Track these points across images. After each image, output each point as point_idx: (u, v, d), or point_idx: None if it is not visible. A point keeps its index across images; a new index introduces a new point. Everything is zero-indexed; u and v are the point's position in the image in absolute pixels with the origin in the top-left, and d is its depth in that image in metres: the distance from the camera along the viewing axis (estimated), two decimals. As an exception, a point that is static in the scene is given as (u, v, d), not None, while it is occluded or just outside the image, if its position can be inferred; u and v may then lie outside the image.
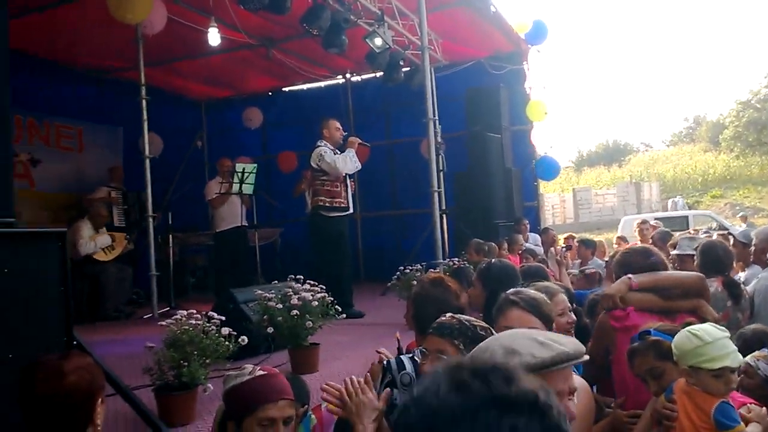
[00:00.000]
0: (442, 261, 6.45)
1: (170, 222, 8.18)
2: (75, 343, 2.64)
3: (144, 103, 6.86)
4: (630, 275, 3.01)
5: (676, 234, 6.60)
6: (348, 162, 6.32)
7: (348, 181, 6.48)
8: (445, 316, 2.13)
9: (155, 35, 7.03)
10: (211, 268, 9.63)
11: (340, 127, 6.57)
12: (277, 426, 2.01)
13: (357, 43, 7.21)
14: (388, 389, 2.17)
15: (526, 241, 8.35)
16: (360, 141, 6.61)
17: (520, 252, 7.45)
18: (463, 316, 2.14)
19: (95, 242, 7.05)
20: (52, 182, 8.81)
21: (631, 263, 3.14)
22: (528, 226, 9.08)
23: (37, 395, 1.69)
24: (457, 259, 6.76)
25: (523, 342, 1.45)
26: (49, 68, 8.89)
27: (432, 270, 5.88)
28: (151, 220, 6.95)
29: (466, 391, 0.80)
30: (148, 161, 6.93)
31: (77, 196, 8.53)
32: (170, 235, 8.14)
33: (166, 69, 9.29)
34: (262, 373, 2.09)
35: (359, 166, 6.54)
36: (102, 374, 1.87)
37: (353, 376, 2.08)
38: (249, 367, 2.12)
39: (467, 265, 5.96)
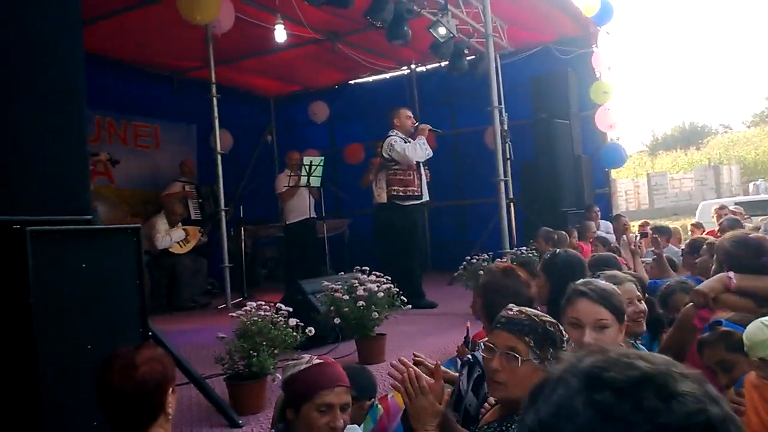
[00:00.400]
0: (509, 250, 6.38)
1: (242, 215, 8.42)
2: (150, 334, 2.76)
3: (215, 100, 7.07)
4: (731, 273, 2.73)
5: (758, 219, 6.29)
6: (418, 149, 6.29)
7: (422, 170, 6.45)
8: (511, 309, 2.05)
9: (224, 34, 7.22)
10: (282, 260, 9.85)
11: (411, 115, 6.56)
12: (334, 412, 2.06)
13: (421, 33, 7.18)
14: (449, 389, 2.17)
15: (597, 229, 8.14)
16: (431, 128, 6.58)
17: (591, 240, 7.28)
18: (531, 309, 2.09)
19: (170, 236, 7.33)
20: (130, 179, 9.21)
21: (740, 258, 2.83)
22: (599, 213, 8.84)
23: (111, 386, 1.79)
24: (525, 248, 6.67)
25: None
26: (126, 70, 9.30)
27: (499, 259, 5.83)
28: (223, 213, 7.18)
29: (614, 421, 0.64)
30: (219, 157, 7.16)
31: (154, 192, 8.88)
32: (242, 228, 8.39)
33: (235, 67, 9.52)
34: (318, 361, 2.14)
35: (431, 154, 6.45)
36: (173, 365, 1.96)
37: (419, 370, 2.03)
38: (306, 356, 2.18)
39: (535, 254, 5.87)
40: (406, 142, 6.29)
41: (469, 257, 5.98)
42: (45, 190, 2.43)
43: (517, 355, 1.88)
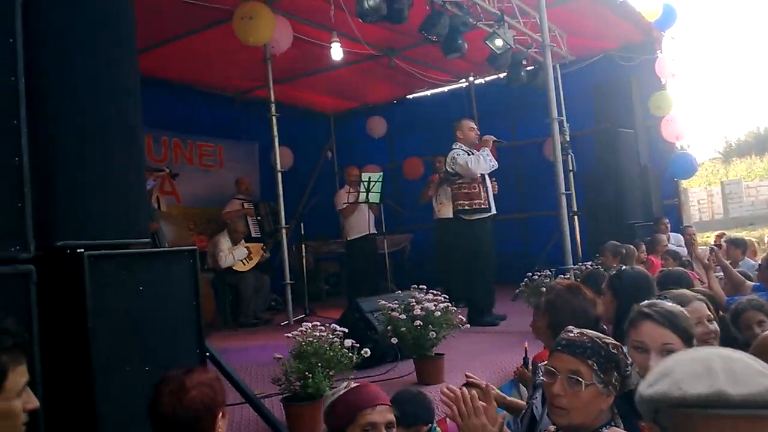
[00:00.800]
0: (572, 266, 6.19)
1: (302, 231, 8.50)
2: (208, 354, 2.78)
3: (274, 119, 7.19)
4: None
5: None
6: (482, 161, 6.17)
7: (488, 182, 6.31)
8: (572, 331, 1.95)
9: (283, 54, 7.35)
10: (344, 275, 9.89)
11: (475, 127, 6.45)
12: (379, 430, 2.02)
13: (478, 45, 7.12)
14: (504, 413, 2.10)
15: (667, 242, 7.82)
16: (495, 139, 6.48)
17: (661, 254, 6.98)
18: (592, 331, 1.99)
19: (233, 255, 7.46)
20: (195, 198, 9.47)
21: None
22: (668, 225, 8.49)
23: (162, 410, 1.79)
24: (590, 263, 6.45)
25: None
26: (189, 92, 9.60)
27: (562, 276, 5.66)
28: (284, 231, 7.26)
29: None
30: (279, 174, 7.26)
31: (218, 210, 9.09)
32: (303, 244, 8.47)
33: (294, 85, 9.68)
34: (355, 384, 2.12)
35: (496, 165, 6.29)
36: (223, 389, 1.95)
37: (473, 391, 1.99)
38: (344, 383, 2.16)
39: (601, 269, 5.67)
40: (469, 155, 6.20)
41: (530, 273, 5.83)
42: (104, 215, 2.49)
43: (581, 379, 1.80)
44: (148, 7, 6.14)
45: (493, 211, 6.31)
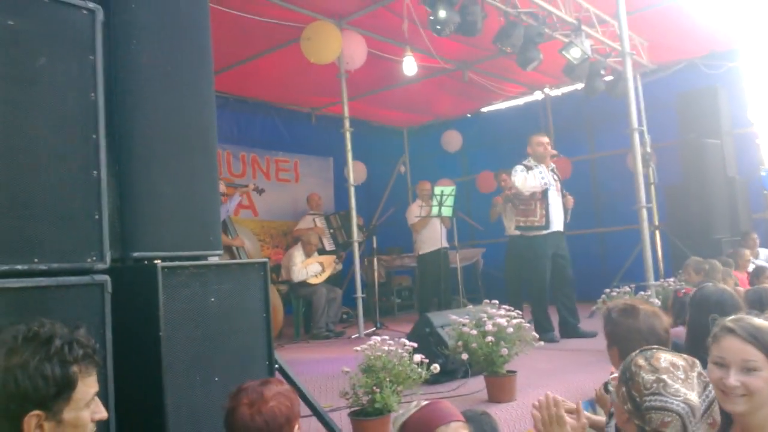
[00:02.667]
0: (654, 282, 5.92)
1: (375, 245, 8.53)
2: (277, 366, 2.80)
3: (348, 134, 7.27)
4: None
5: None
6: (528, 179, 6.09)
7: (550, 199, 6.17)
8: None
9: (357, 69, 7.44)
10: (415, 289, 9.85)
11: (543, 141, 6.32)
12: None
13: (554, 56, 6.97)
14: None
15: (755, 258, 7.36)
16: (553, 153, 6.35)
17: (748, 270, 6.58)
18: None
19: (306, 269, 7.55)
20: (271, 211, 9.71)
21: None
22: (757, 240, 7.99)
23: (241, 420, 1.81)
24: (672, 279, 6.16)
25: None
26: (267, 108, 9.88)
27: (642, 292, 5.43)
28: (356, 244, 7.31)
29: None
30: (352, 189, 7.32)
31: (294, 223, 9.26)
32: (375, 258, 8.49)
33: (368, 100, 9.77)
34: (426, 402, 2.06)
35: (547, 184, 6.13)
36: (298, 400, 1.95)
37: (558, 399, 1.99)
38: (414, 401, 2.10)
39: (683, 286, 5.39)
40: (528, 171, 6.10)
41: (608, 289, 5.61)
42: (178, 227, 2.55)
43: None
44: (229, 27, 6.38)
45: (554, 228, 6.19)
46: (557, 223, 6.24)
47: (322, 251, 8.23)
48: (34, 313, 1.66)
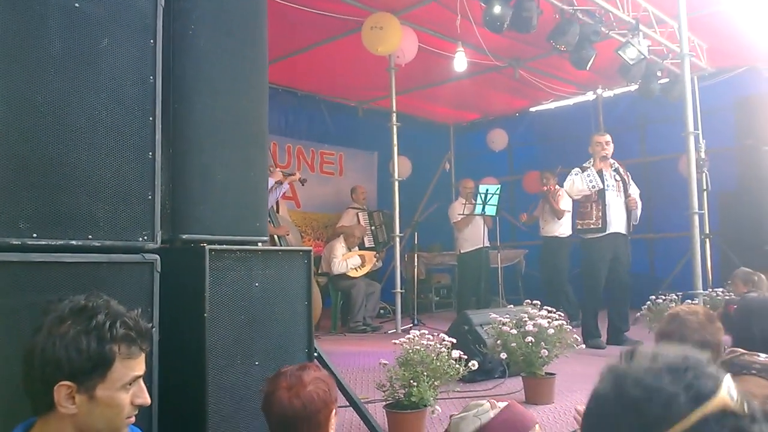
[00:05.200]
0: (702, 291, 5.76)
1: (416, 241, 8.51)
2: (316, 354, 2.82)
3: (394, 128, 7.27)
4: None
5: None
6: (576, 182, 6.02)
7: (608, 200, 6.01)
8: (759, 355, 1.86)
9: (407, 64, 7.42)
10: (455, 287, 9.80)
11: (601, 141, 6.17)
12: None
13: (608, 55, 6.83)
14: None
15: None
16: (604, 155, 6.22)
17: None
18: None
19: (347, 262, 7.57)
20: (314, 203, 9.77)
21: None
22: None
23: (279, 402, 1.82)
24: (721, 289, 5.99)
25: None
26: (315, 101, 9.95)
27: (689, 301, 5.28)
28: (398, 239, 7.30)
29: None
30: (396, 184, 7.32)
31: (336, 216, 9.30)
32: (416, 254, 8.47)
33: (416, 95, 9.74)
34: (503, 404, 1.93)
35: (596, 186, 5.99)
36: (335, 387, 1.96)
37: None
38: (483, 404, 1.96)
39: (730, 297, 5.24)
40: (584, 172, 6.01)
41: (654, 296, 5.49)
42: (227, 212, 2.59)
43: None
44: (280, 18, 6.44)
45: (613, 230, 6.01)
46: (617, 225, 6.04)
47: (361, 247, 8.25)
48: (86, 288, 1.70)
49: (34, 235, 1.82)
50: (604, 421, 0.85)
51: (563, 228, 7.68)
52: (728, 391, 0.81)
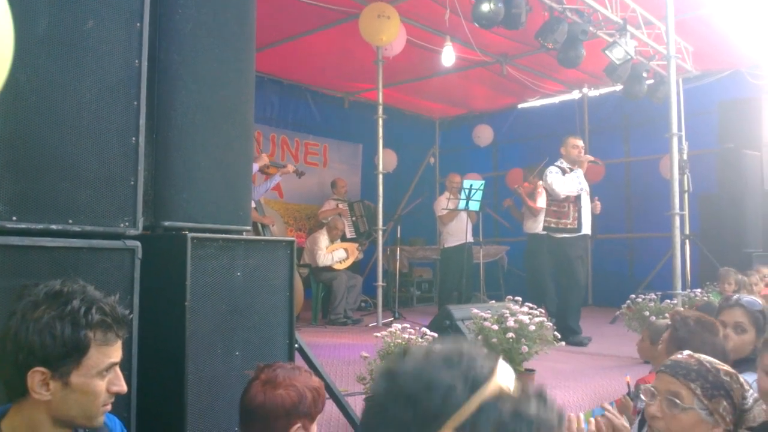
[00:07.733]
0: (681, 291, 5.83)
1: (398, 235, 8.50)
2: (297, 346, 2.80)
3: (380, 121, 7.24)
4: None
5: None
6: (566, 183, 6.10)
7: (582, 202, 6.19)
8: (682, 353, 1.85)
9: (394, 57, 7.39)
10: (436, 282, 9.82)
11: (579, 145, 6.30)
12: None
13: (595, 55, 6.86)
14: None
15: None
16: (591, 159, 6.31)
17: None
18: (705, 356, 1.85)
19: (332, 255, 7.54)
20: (297, 194, 9.71)
21: None
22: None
23: (249, 392, 1.79)
24: (699, 290, 6.06)
25: None
26: (301, 91, 9.89)
27: (668, 302, 5.35)
28: (380, 232, 7.29)
29: None
30: (380, 176, 7.30)
31: (318, 207, 9.27)
32: (398, 248, 8.47)
33: (403, 88, 9.73)
34: None
35: (584, 188, 6.16)
36: (316, 404, 1.80)
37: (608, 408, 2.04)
38: None
39: (711, 298, 5.30)
40: (564, 174, 6.07)
41: (634, 295, 5.54)
42: (210, 200, 2.56)
43: (678, 402, 1.73)
44: (268, 6, 6.37)
45: (584, 231, 6.22)
46: (587, 227, 6.27)
47: (343, 238, 8.23)
48: (66, 273, 1.67)
49: (14, 218, 1.78)
50: (382, 421, 0.83)
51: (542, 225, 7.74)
52: (503, 375, 0.83)
